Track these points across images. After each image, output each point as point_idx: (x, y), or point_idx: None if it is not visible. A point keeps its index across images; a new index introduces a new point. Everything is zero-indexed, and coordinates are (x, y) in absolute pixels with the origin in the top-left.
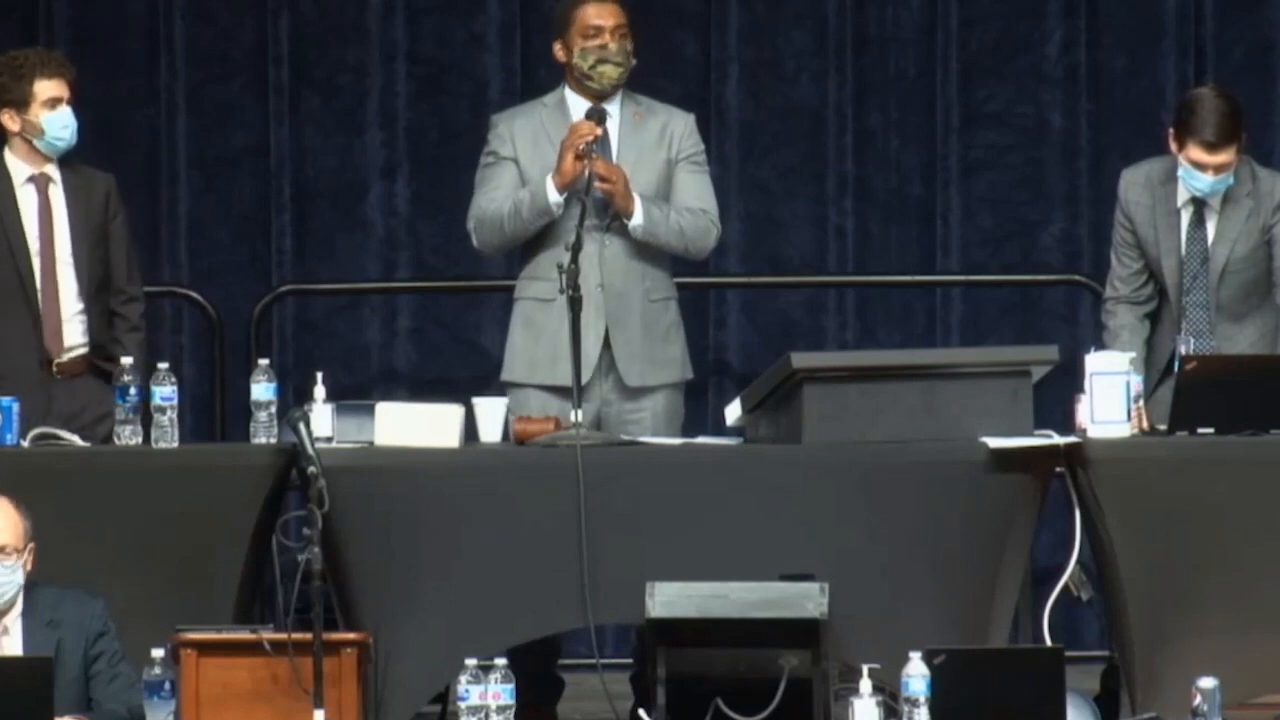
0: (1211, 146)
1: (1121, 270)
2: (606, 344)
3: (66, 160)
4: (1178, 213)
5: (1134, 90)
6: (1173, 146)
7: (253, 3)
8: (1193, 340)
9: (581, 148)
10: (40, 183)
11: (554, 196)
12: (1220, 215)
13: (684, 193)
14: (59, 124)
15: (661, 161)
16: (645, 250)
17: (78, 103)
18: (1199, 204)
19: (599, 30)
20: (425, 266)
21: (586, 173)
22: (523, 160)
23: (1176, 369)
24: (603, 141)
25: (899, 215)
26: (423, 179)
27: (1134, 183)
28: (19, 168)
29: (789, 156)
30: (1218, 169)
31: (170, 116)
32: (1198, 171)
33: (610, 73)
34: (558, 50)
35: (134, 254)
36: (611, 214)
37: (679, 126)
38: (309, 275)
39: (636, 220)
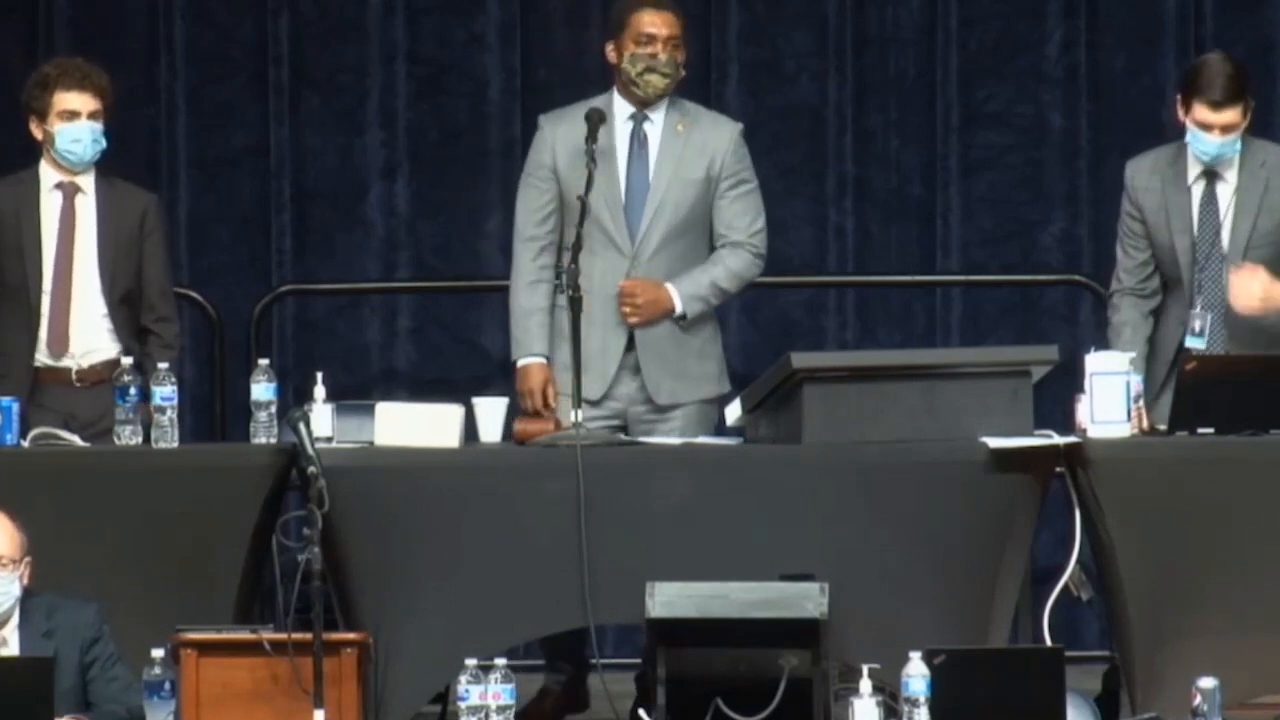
0: (1217, 105)
1: (1127, 262)
2: (630, 348)
3: (106, 174)
4: (1188, 190)
5: (1134, 90)
6: (1179, 114)
7: (253, 3)
8: (1209, 316)
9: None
10: (68, 190)
11: (516, 360)
12: (1238, 188)
13: (726, 215)
14: (69, 137)
15: (699, 180)
16: (682, 270)
17: None
18: (1210, 180)
19: (652, 39)
20: (425, 266)
21: (588, 173)
22: (561, 168)
23: (1177, 369)
24: (641, 149)
25: (899, 215)
26: (423, 179)
27: (1140, 169)
28: (49, 175)
29: (789, 156)
30: (1224, 129)
31: (170, 116)
32: (1204, 134)
33: (656, 82)
34: (610, 51)
35: (170, 275)
36: (642, 235)
37: (723, 143)
38: (309, 275)
39: (680, 313)
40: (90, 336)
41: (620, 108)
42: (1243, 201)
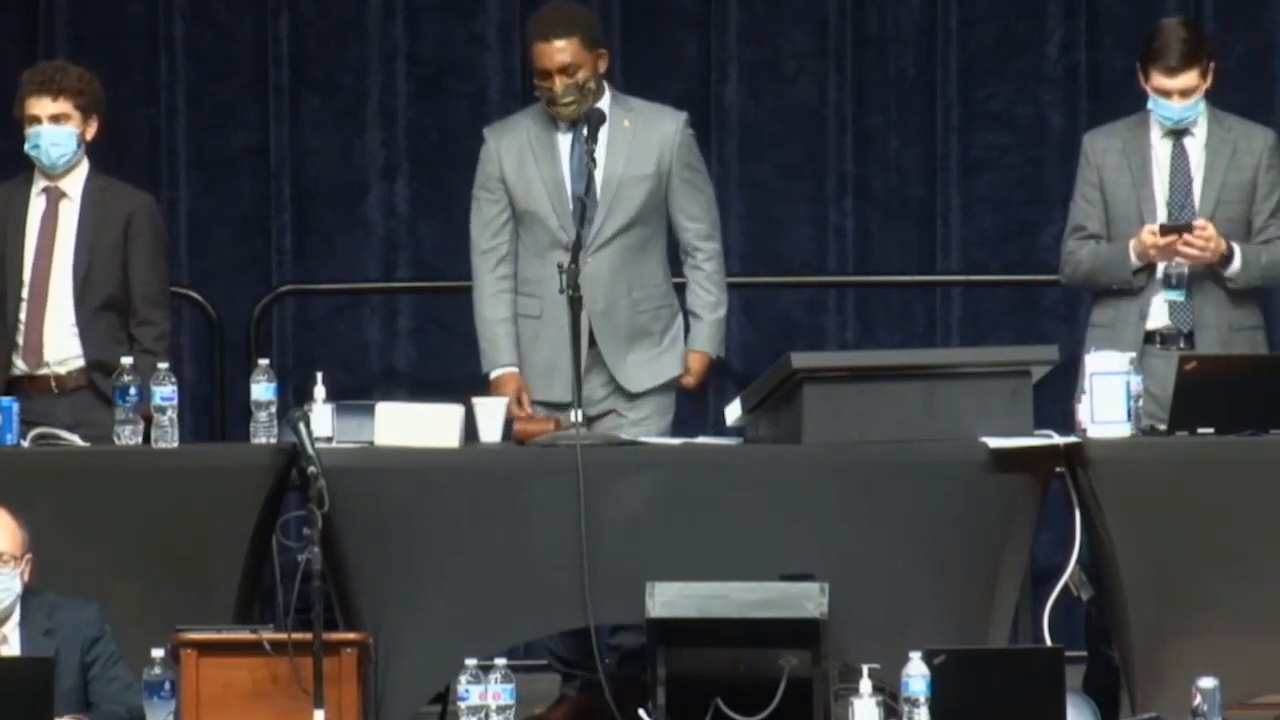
0: (1172, 70)
1: (1080, 223)
2: (590, 345)
3: (102, 176)
4: (1151, 148)
5: (1134, 90)
6: (1141, 81)
7: (253, 3)
8: (1184, 269)
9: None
10: (52, 195)
11: (489, 373)
12: (1207, 144)
13: (687, 209)
14: (29, 143)
15: (649, 175)
16: (633, 262)
17: None
18: (1178, 136)
19: (545, 73)
20: (425, 266)
21: (588, 173)
22: (509, 178)
23: (1176, 369)
24: (584, 154)
25: (899, 215)
26: (423, 179)
27: (1098, 135)
28: (39, 180)
29: (789, 156)
30: (1182, 93)
31: (170, 116)
32: (1164, 100)
33: (562, 113)
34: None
35: (157, 278)
36: (595, 232)
37: (670, 135)
38: (309, 275)
39: (717, 356)
40: (66, 343)
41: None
42: (1212, 160)
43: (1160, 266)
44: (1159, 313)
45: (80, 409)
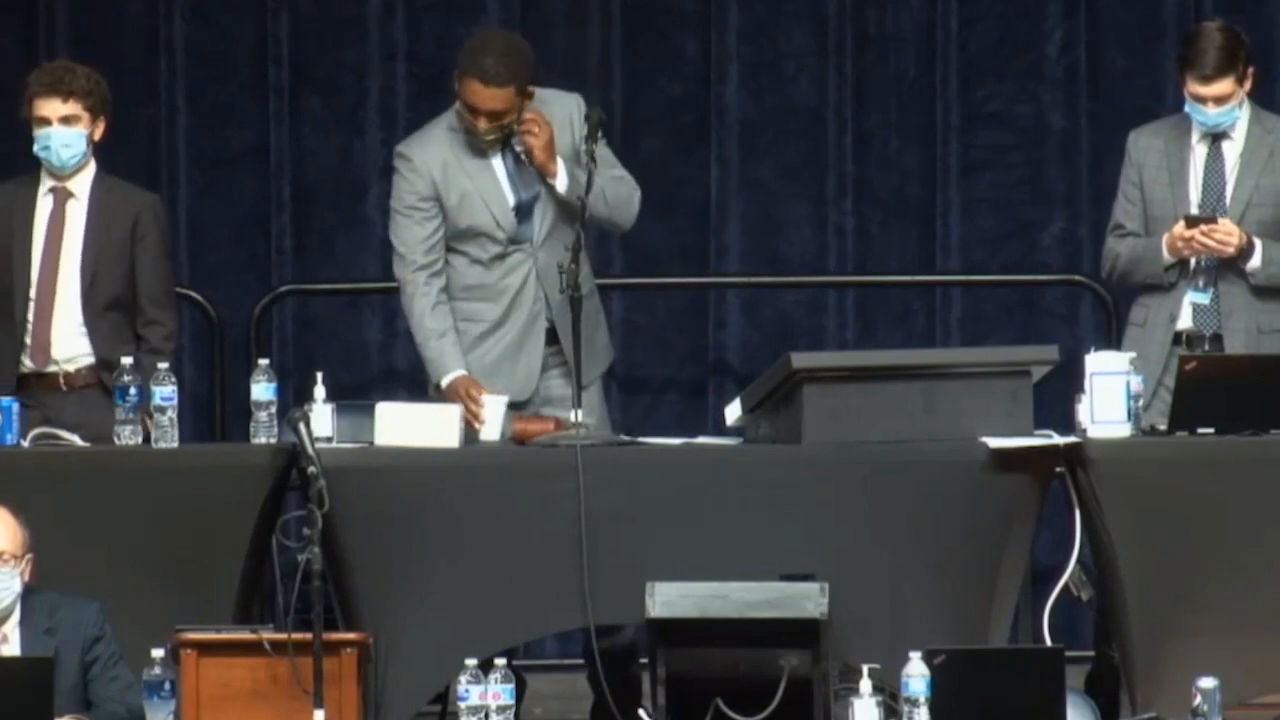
0: (1206, 79)
1: (1127, 223)
2: (549, 343)
3: (107, 176)
4: (1191, 149)
5: (1134, 90)
6: (1179, 84)
7: (253, 3)
8: (1212, 272)
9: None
10: (59, 196)
11: (440, 382)
12: (1244, 148)
13: (603, 205)
14: (39, 144)
15: (568, 158)
16: (564, 251)
17: None
18: (1217, 139)
19: (475, 110)
20: None
21: (588, 171)
22: (444, 196)
23: (1177, 369)
24: (509, 152)
25: (899, 215)
26: None
27: (1142, 133)
28: (46, 180)
29: (789, 156)
30: (1216, 100)
31: (170, 116)
32: (1199, 105)
33: (483, 144)
34: (455, 82)
35: (163, 279)
36: (539, 226)
37: (571, 114)
38: (309, 275)
39: (560, 182)
40: (74, 342)
41: None
42: (1248, 161)
43: (1192, 262)
44: (1188, 314)
45: (87, 406)
